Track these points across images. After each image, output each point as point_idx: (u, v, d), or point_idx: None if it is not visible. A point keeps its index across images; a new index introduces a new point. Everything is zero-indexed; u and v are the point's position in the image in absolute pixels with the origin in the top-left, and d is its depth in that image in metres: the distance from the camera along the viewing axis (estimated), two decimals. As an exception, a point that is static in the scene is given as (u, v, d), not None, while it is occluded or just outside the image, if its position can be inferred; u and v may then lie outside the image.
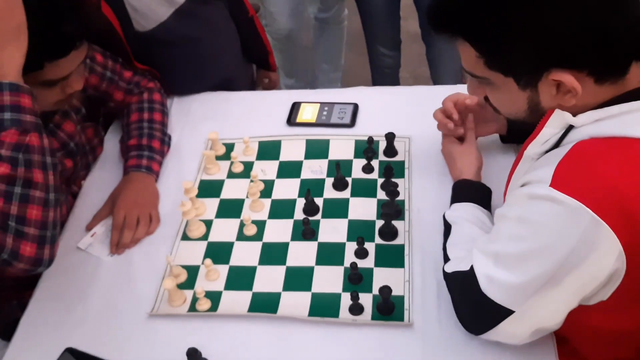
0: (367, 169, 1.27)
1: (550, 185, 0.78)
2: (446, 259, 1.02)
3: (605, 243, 0.76)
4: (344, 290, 1.07)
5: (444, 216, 1.09)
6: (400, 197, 1.19)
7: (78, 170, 1.30)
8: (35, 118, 0.92)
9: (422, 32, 2.20)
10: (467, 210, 1.07)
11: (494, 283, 0.86)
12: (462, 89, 1.43)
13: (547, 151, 0.87)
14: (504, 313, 0.86)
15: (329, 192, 1.24)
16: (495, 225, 0.91)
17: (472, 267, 0.90)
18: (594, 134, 0.82)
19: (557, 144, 0.86)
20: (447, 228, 1.07)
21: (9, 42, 0.91)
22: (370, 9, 2.17)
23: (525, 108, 0.87)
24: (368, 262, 1.10)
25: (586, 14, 0.76)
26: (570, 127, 0.84)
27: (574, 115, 0.83)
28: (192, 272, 1.13)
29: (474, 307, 0.91)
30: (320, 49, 2.54)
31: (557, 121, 0.84)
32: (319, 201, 1.22)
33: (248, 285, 1.10)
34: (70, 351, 1.01)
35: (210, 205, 1.25)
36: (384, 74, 2.38)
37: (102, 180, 1.33)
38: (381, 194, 1.22)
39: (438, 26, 0.87)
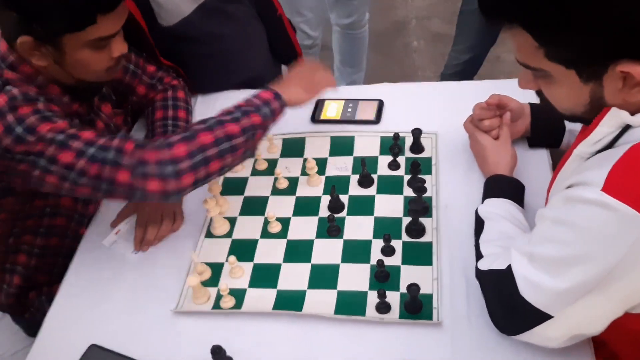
0: (393, 165, 1.24)
1: (602, 190, 0.73)
2: (479, 256, 0.98)
3: None
4: (371, 288, 1.04)
5: (476, 211, 1.06)
6: (427, 194, 1.16)
7: None
8: (270, 126, 1.13)
9: None
10: (502, 206, 1.04)
11: (533, 286, 0.82)
12: (486, 85, 1.41)
13: (598, 151, 0.82)
14: (541, 317, 0.82)
15: (355, 189, 1.22)
16: (537, 226, 0.86)
17: (509, 267, 0.86)
18: None
19: (610, 144, 0.80)
20: (480, 224, 1.03)
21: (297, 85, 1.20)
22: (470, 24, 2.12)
23: (587, 102, 0.80)
24: (395, 260, 1.08)
25: None
26: (627, 127, 0.78)
27: (632, 114, 0.77)
28: (216, 269, 1.12)
29: (509, 308, 0.87)
30: (342, 54, 2.51)
31: (612, 120, 0.78)
32: (344, 198, 1.20)
33: (272, 283, 1.08)
34: (94, 348, 1.01)
35: (234, 203, 1.24)
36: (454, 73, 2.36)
37: (126, 178, 1.33)
38: (407, 191, 1.19)
39: (492, 12, 0.79)
